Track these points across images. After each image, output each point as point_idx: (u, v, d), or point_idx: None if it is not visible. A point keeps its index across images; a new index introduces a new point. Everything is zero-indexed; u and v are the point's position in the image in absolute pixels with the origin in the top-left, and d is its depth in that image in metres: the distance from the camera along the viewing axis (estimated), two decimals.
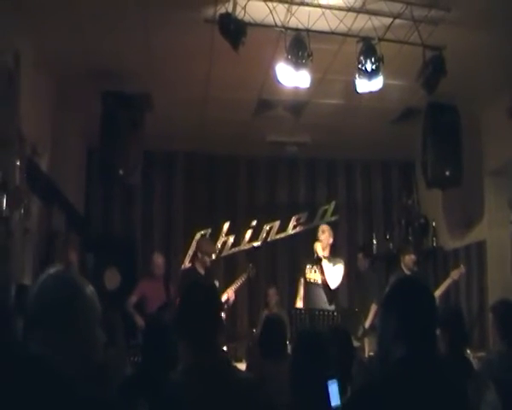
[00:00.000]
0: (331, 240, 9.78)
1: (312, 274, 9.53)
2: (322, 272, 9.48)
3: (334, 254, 9.94)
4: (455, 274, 9.88)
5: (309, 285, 9.52)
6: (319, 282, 9.48)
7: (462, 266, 10.06)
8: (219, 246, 12.86)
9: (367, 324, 10.14)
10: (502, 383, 4.53)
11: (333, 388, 4.15)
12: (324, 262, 9.47)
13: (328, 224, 12.50)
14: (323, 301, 9.38)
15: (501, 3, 7.14)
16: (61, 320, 2.51)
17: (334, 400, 4.19)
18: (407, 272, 10.11)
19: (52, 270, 2.66)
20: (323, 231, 9.78)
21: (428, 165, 9.91)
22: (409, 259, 10.25)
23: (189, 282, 7.21)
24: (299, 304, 9.64)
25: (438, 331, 5.73)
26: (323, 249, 9.57)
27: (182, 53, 8.41)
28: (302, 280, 9.74)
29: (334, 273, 9.45)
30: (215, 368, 3.55)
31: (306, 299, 9.55)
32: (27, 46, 7.57)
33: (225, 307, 9.95)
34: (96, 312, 2.65)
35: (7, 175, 6.33)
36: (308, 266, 9.58)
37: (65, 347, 2.48)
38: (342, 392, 4.41)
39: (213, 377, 3.49)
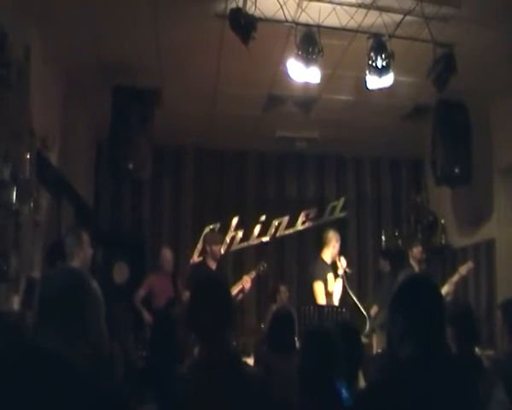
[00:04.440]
0: None
1: (333, 287, 9.30)
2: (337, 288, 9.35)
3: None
4: (463, 269, 9.77)
5: (329, 296, 9.27)
6: (337, 293, 9.29)
7: (469, 261, 9.98)
8: (228, 241, 12.86)
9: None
10: (510, 382, 4.52)
11: (341, 387, 4.15)
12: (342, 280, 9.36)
13: (337, 220, 12.58)
14: None
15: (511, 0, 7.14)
16: (69, 315, 2.53)
17: (344, 398, 4.19)
18: (416, 265, 10.09)
19: (59, 265, 2.68)
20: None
21: (438, 162, 9.90)
22: (416, 251, 10.22)
23: (200, 276, 7.21)
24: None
25: (448, 329, 5.75)
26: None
27: (192, 48, 8.41)
28: (322, 285, 9.31)
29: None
30: (224, 363, 3.56)
31: None
32: (38, 39, 7.59)
33: (241, 295, 9.90)
34: (101, 306, 2.67)
35: (17, 168, 6.34)
36: (329, 276, 9.34)
37: (74, 341, 2.49)
38: (351, 389, 4.41)
39: (222, 371, 3.51)
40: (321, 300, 9.20)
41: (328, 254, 9.43)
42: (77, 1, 7.25)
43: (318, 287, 9.28)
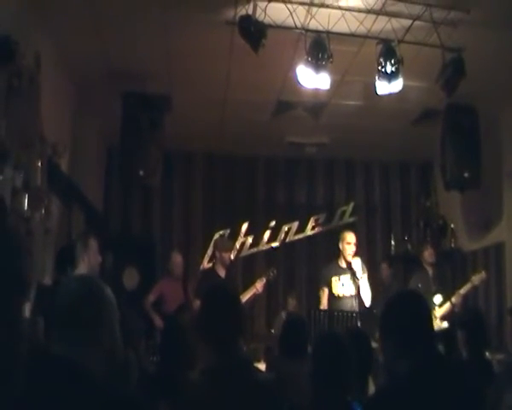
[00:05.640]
0: None
1: (340, 288, 9.15)
2: (356, 288, 9.13)
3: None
4: (476, 279, 9.68)
5: (336, 299, 9.15)
6: (348, 295, 9.18)
7: (483, 271, 9.89)
8: (238, 246, 12.88)
9: None
10: None
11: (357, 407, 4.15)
12: (362, 281, 9.16)
13: (347, 225, 12.56)
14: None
15: None
16: (84, 322, 2.54)
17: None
18: (429, 269, 10.08)
19: (74, 272, 2.70)
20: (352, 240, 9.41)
21: (447, 166, 9.88)
22: (427, 254, 10.21)
23: (210, 284, 7.22)
24: None
25: (458, 334, 5.77)
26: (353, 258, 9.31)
27: (202, 54, 8.45)
28: (326, 290, 9.31)
29: (367, 290, 9.23)
30: (235, 369, 3.57)
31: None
32: (48, 47, 7.64)
33: (253, 299, 9.92)
34: (116, 313, 2.69)
35: (28, 176, 6.37)
36: (334, 279, 9.24)
37: (88, 348, 2.50)
38: (361, 394, 4.43)
39: (233, 377, 3.52)
40: (322, 306, 9.25)
41: (341, 255, 9.37)
42: (87, 9, 7.29)
43: (321, 293, 9.37)
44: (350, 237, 9.38)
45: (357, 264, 9.18)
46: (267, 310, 12.72)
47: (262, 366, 7.09)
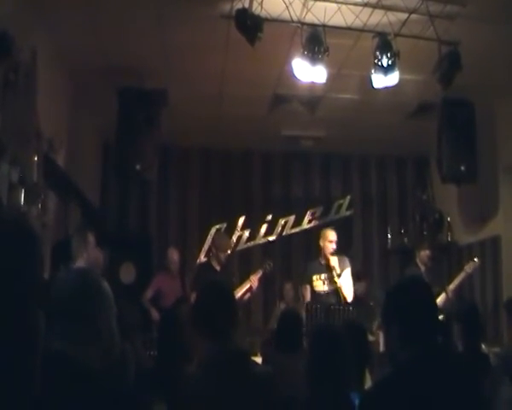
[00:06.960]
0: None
1: (321, 286, 9.18)
2: (334, 284, 9.08)
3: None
4: (469, 267, 9.68)
5: (318, 295, 9.15)
6: (329, 291, 9.21)
7: (476, 259, 9.92)
8: (234, 240, 12.88)
9: None
10: None
11: (355, 399, 4.15)
12: (341, 280, 9.07)
13: (343, 219, 12.60)
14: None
15: None
16: (82, 315, 2.55)
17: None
18: (422, 267, 10.08)
19: (71, 267, 2.70)
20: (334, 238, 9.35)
21: (443, 160, 9.88)
22: (424, 254, 10.19)
23: (205, 279, 7.22)
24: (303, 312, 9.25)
25: (453, 326, 5.78)
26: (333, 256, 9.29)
27: (198, 49, 8.44)
28: (308, 288, 9.31)
29: (349, 286, 9.17)
30: (232, 362, 3.58)
31: None
32: (44, 42, 7.62)
33: (249, 294, 9.87)
34: (113, 307, 2.69)
35: (25, 171, 6.37)
36: (315, 277, 9.21)
37: (86, 341, 2.51)
38: (358, 387, 4.44)
39: (230, 370, 3.53)
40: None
41: (322, 253, 9.38)
42: (83, 4, 7.28)
43: (304, 291, 9.44)
44: (332, 235, 9.33)
45: (334, 261, 9.14)
46: (264, 304, 12.71)
47: (258, 360, 7.10)
